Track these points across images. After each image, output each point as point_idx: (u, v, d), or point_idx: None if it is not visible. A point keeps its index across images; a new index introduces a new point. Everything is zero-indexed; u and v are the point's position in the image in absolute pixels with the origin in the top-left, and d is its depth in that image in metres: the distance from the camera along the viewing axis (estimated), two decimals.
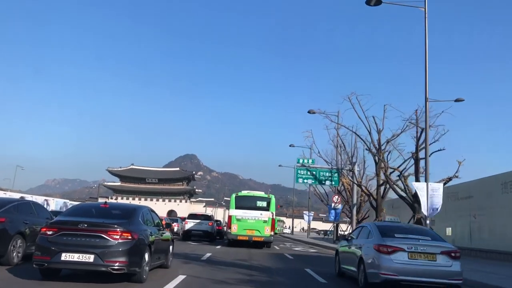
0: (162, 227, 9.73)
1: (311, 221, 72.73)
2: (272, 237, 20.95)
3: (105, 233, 7.08)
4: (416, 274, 8.28)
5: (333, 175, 33.34)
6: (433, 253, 8.46)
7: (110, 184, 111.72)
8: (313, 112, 34.45)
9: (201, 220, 25.44)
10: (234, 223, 20.56)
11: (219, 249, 19.18)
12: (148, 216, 8.79)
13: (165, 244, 9.59)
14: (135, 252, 7.30)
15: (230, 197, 21.52)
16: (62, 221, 7.41)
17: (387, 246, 8.49)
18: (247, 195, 21.66)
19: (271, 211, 20.91)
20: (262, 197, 21.33)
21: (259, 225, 20.49)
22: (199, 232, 24.92)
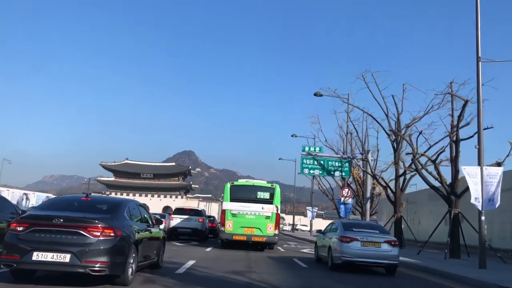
0: (151, 223, 8.92)
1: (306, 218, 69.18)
2: (277, 237, 16.82)
3: (84, 229, 6.49)
4: (366, 256, 11.60)
5: (343, 165, 29.23)
6: (378, 242, 11.72)
7: (104, 179, 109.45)
8: (320, 95, 30.30)
9: (190, 216, 21.28)
10: (228, 220, 16.42)
11: (209, 252, 15.02)
12: (135, 211, 8.08)
13: (155, 242, 8.89)
14: (118, 251, 6.69)
15: None
16: (34, 215, 6.80)
17: (346, 237, 11.69)
18: (245, 184, 17.53)
19: (275, 204, 16.83)
20: (264, 187, 17.25)
21: (260, 221, 16.41)
22: (187, 230, 20.75)
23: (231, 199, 16.73)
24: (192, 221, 20.94)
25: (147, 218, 8.81)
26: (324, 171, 29.14)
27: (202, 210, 22.93)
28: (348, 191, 30.05)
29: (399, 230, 25.67)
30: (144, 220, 8.43)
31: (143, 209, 8.81)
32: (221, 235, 16.79)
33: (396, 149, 25.94)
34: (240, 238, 16.36)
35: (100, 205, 7.44)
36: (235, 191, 16.94)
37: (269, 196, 16.93)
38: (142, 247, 7.68)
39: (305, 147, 29.69)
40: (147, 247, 8.12)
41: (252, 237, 16.39)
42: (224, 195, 17.28)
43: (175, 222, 20.95)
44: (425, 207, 31.42)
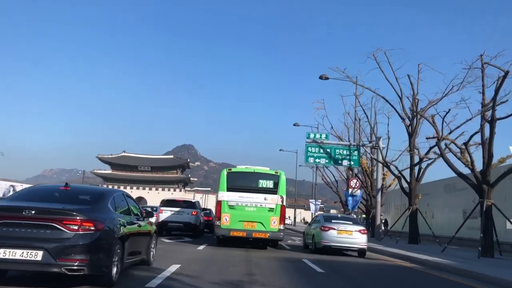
0: (141, 216, 8.14)
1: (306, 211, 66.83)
2: (282, 234, 14.31)
3: (59, 222, 5.70)
4: (341, 242, 14.85)
5: (351, 153, 26.75)
6: (351, 231, 14.97)
7: (100, 172, 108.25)
8: (325, 78, 27.82)
9: (182, 209, 18.68)
10: (225, 212, 13.95)
11: (201, 252, 12.55)
12: (121, 203, 7.32)
13: (144, 236, 8.12)
14: (99, 247, 5.89)
15: None
16: (1, 206, 5.96)
17: (326, 227, 14.93)
18: (244, 171, 14.80)
19: (280, 194, 14.26)
20: (267, 174, 14.63)
21: (262, 215, 13.96)
22: (178, 224, 18.23)
23: (228, 188, 14.21)
24: (185, 214, 18.43)
25: (136, 210, 8.05)
26: (331, 160, 26.70)
27: (196, 202, 20.20)
28: (356, 181, 27.62)
29: (415, 224, 23.26)
30: (132, 213, 7.68)
31: (131, 200, 8.03)
32: (216, 231, 14.22)
33: (411, 134, 23.45)
34: (239, 234, 13.88)
35: (80, 195, 6.83)
36: (233, 179, 14.47)
37: (272, 184, 14.36)
38: (129, 243, 6.97)
39: (309, 133, 27.23)
40: (135, 243, 7.40)
41: (253, 233, 13.88)
42: (219, 183, 14.51)
43: (165, 215, 18.42)
44: (440, 199, 28.96)
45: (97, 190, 7.45)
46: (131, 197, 8.19)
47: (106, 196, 6.88)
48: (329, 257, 13.67)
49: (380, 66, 24.34)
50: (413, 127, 23.62)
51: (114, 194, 7.18)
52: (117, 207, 7.03)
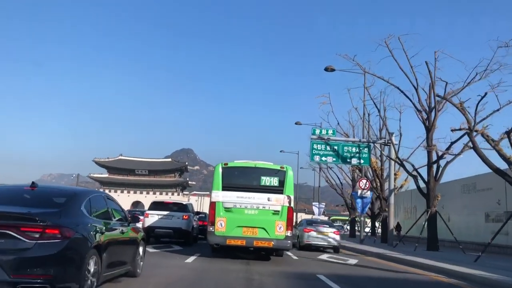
0: (126, 221, 7.26)
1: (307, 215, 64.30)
2: (290, 242, 11.82)
3: (16, 229, 4.83)
4: (319, 241, 18.34)
5: (361, 151, 24.35)
6: (327, 232, 18.63)
7: (97, 176, 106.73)
8: (331, 69, 25.54)
9: (171, 212, 15.97)
10: (220, 216, 11.52)
11: (188, 267, 10.05)
12: (99, 205, 6.48)
13: (129, 244, 7.23)
14: (68, 258, 5.08)
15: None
16: None
17: (307, 229, 18.75)
18: (243, 166, 12.23)
19: (287, 193, 11.74)
20: (271, 170, 12.09)
21: (265, 219, 11.54)
22: (167, 230, 15.71)
23: (224, 186, 11.73)
24: (174, 218, 15.92)
25: (119, 214, 7.17)
26: (339, 158, 24.30)
27: (188, 204, 17.52)
28: (366, 182, 25.18)
29: (434, 229, 20.82)
30: (113, 217, 6.82)
31: (112, 202, 7.15)
32: (210, 238, 11.60)
33: (429, 128, 21.04)
34: (237, 242, 11.42)
35: (48, 196, 5.95)
36: (230, 175, 11.91)
37: (277, 182, 11.84)
38: (109, 252, 6.12)
39: (315, 129, 24.86)
40: (117, 252, 6.56)
41: (254, 241, 11.34)
42: (213, 181, 11.98)
43: (151, 220, 15.91)
44: (456, 201, 26.53)
45: (68, 190, 6.45)
46: (113, 199, 7.29)
47: (79, 197, 6.03)
48: (345, 270, 11.23)
49: (393, 54, 22.07)
50: (430, 121, 21.23)
51: (90, 195, 6.30)
52: (94, 211, 6.17)
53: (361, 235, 26.11)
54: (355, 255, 17.19)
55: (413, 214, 35.18)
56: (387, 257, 15.75)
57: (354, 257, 15.76)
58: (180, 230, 15.72)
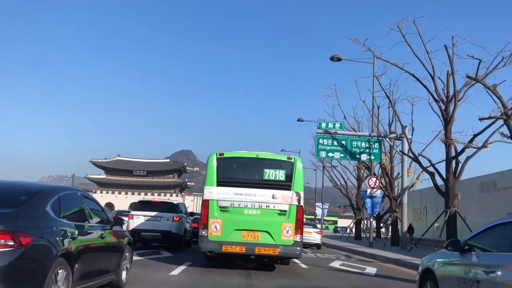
0: (108, 224, 6.43)
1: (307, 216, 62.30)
2: (299, 248, 9.70)
3: None
4: (304, 239, 13.86)
5: (371, 146, 22.36)
6: (310, 232, 21.03)
7: (94, 177, 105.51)
8: (337, 59, 23.60)
9: (160, 213, 13.93)
10: (214, 217, 9.47)
11: (173, 281, 8.01)
12: (72, 205, 5.56)
13: (111, 251, 6.38)
14: (24, 270, 4.21)
15: None
16: None
17: None
18: (243, 157, 10.21)
19: (295, 190, 9.70)
20: (276, 161, 10.02)
21: (269, 220, 9.47)
22: (155, 234, 13.55)
23: (219, 181, 9.68)
24: (163, 220, 13.84)
25: (99, 216, 6.23)
26: (347, 154, 22.31)
27: (180, 204, 15.33)
28: (375, 180, 23.17)
29: (453, 231, 18.80)
30: (89, 219, 5.78)
31: (91, 202, 6.16)
32: (202, 245, 9.49)
33: (448, 120, 19.03)
34: (235, 249, 9.38)
35: (6, 195, 4.95)
36: (226, 167, 9.84)
37: (284, 176, 9.75)
38: (84, 260, 5.18)
39: (321, 123, 22.85)
40: (95, 260, 5.65)
41: (256, 248, 9.30)
42: (206, 174, 9.88)
43: (136, 222, 13.81)
44: (473, 200, 24.45)
45: (32, 187, 5.50)
46: (92, 198, 6.42)
47: (45, 195, 5.15)
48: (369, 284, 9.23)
49: (406, 39, 20.11)
50: (448, 112, 19.23)
51: (60, 193, 5.38)
52: (65, 211, 5.30)
53: (370, 238, 24.14)
54: (369, 262, 15.17)
55: (423, 215, 33.18)
56: (408, 264, 13.75)
57: (369, 264, 13.74)
58: (170, 233, 13.63)
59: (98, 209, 6.39)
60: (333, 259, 15.51)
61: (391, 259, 15.39)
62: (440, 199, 30.04)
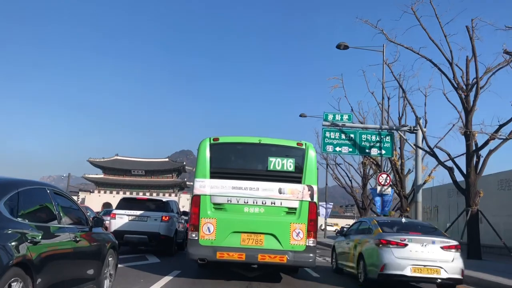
0: (86, 224, 5.76)
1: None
2: (313, 255, 7.82)
3: None
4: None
5: (382, 139, 20.53)
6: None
7: (92, 177, 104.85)
8: (344, 46, 21.84)
9: (146, 212, 12.15)
10: (207, 217, 7.71)
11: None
12: (36, 202, 4.87)
13: (88, 256, 5.59)
14: None
15: None
16: None
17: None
18: (242, 143, 8.43)
19: (307, 183, 7.94)
20: (283, 148, 8.25)
21: (275, 220, 7.71)
22: (141, 236, 11.73)
23: (213, 172, 7.93)
24: (150, 220, 11.84)
25: (74, 215, 5.52)
26: (356, 148, 20.51)
27: (171, 202, 13.39)
28: (386, 177, 21.30)
29: (476, 232, 17.02)
30: (59, 220, 4.99)
31: (63, 199, 5.33)
32: (191, 251, 7.78)
33: (469, 110, 17.24)
34: (233, 257, 7.59)
35: None
36: (222, 155, 8.12)
37: (294, 166, 7.95)
38: (51, 269, 4.47)
39: (327, 115, 21.02)
40: (66, 268, 4.92)
41: (259, 255, 7.55)
42: (197, 163, 8.09)
43: (120, 222, 11.97)
44: (492, 199, 22.62)
45: None
46: (65, 194, 5.45)
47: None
48: None
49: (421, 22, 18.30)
50: (469, 101, 17.45)
51: (19, 188, 4.52)
52: (24, 210, 4.47)
53: None
54: None
55: (433, 214, 31.39)
56: None
57: None
58: (158, 236, 11.78)
59: (73, 208, 5.61)
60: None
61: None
62: (452, 197, 28.38)
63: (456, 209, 27.36)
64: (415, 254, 8.00)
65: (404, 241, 8.09)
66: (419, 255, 8.03)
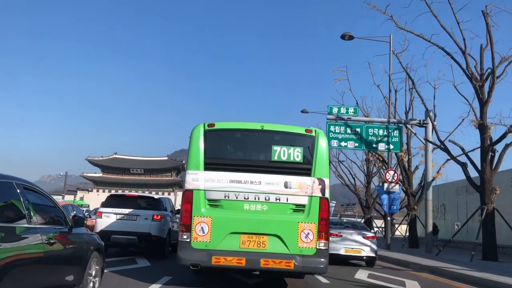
0: (65, 224, 5.24)
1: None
2: (325, 260, 6.66)
3: None
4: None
5: (390, 134, 19.47)
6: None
7: (90, 175, 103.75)
8: (350, 37, 20.89)
9: (136, 210, 10.94)
10: (201, 215, 6.56)
11: None
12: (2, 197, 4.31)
13: (65, 261, 4.97)
14: None
15: None
16: None
17: None
18: (241, 129, 7.09)
19: (317, 176, 6.74)
20: (289, 135, 6.98)
21: (280, 219, 6.49)
22: (130, 237, 10.53)
23: (208, 163, 6.77)
24: (140, 219, 10.65)
25: (50, 214, 4.98)
26: (362, 143, 19.46)
27: (163, 199, 12.17)
28: (394, 174, 20.30)
29: (491, 231, 15.94)
30: (31, 219, 4.42)
31: (36, 195, 4.75)
32: (182, 255, 6.58)
33: (485, 101, 16.17)
34: (231, 262, 6.41)
35: None
36: (218, 144, 6.98)
37: (301, 156, 6.82)
38: (16, 277, 3.90)
39: (332, 108, 19.96)
40: (37, 276, 4.31)
41: (262, 260, 6.40)
42: (189, 153, 6.95)
43: (107, 222, 10.82)
44: (505, 197, 21.48)
45: None
46: (38, 190, 4.80)
47: None
48: None
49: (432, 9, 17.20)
50: (483, 92, 16.39)
51: None
52: None
53: (387, 240, 21.25)
54: (400, 270, 12.28)
55: (441, 213, 30.31)
56: (449, 274, 10.93)
57: (404, 275, 10.83)
58: (149, 236, 10.65)
59: (48, 205, 5.00)
60: (354, 266, 12.59)
61: (425, 266, 12.52)
62: (461, 195, 27.27)
63: (465, 208, 26.25)
64: (346, 241, 12.80)
65: (340, 233, 13.02)
66: (349, 242, 12.80)
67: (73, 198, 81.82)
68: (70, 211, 13.54)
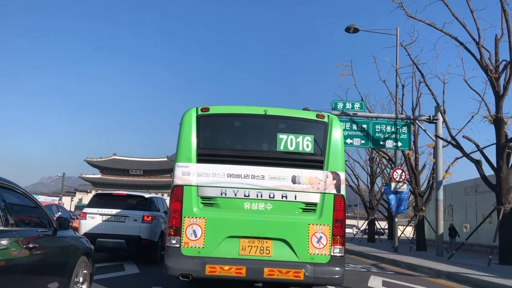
0: (50, 227, 4.91)
1: None
2: (340, 269, 5.67)
3: None
4: None
5: (398, 130, 18.45)
6: None
7: (89, 177, 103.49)
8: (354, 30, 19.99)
9: (124, 211, 9.93)
10: (193, 216, 5.55)
11: None
12: None
13: (46, 269, 4.53)
14: None
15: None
16: None
17: None
18: (240, 114, 5.94)
19: (331, 169, 5.68)
20: (298, 121, 5.86)
21: (287, 221, 5.34)
22: (117, 241, 9.47)
23: (201, 154, 5.74)
24: (129, 221, 9.63)
25: (31, 215, 4.75)
26: (369, 140, 18.45)
27: (155, 198, 11.12)
28: (401, 173, 19.28)
29: (509, 232, 14.88)
30: (7, 221, 4.05)
31: (14, 195, 4.41)
32: (170, 263, 5.46)
33: (501, 94, 15.18)
34: (229, 272, 5.33)
35: None
36: (213, 131, 5.97)
37: (312, 146, 5.73)
38: None
39: (337, 103, 18.98)
40: (11, 283, 3.86)
41: (266, 269, 5.30)
42: (179, 143, 5.82)
43: (92, 223, 9.77)
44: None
45: None
46: (15, 189, 4.41)
47: None
48: None
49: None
50: (499, 85, 15.42)
51: None
52: None
53: (395, 242, 20.20)
54: (412, 275, 11.24)
55: (448, 214, 29.24)
56: (471, 281, 9.89)
57: (421, 282, 9.78)
58: (139, 239, 9.61)
59: (29, 206, 4.67)
60: (365, 272, 11.53)
61: (442, 272, 11.45)
62: (470, 195, 26.23)
63: (474, 209, 25.26)
64: None
65: None
66: None
67: (71, 200, 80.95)
68: (55, 212, 12.50)
